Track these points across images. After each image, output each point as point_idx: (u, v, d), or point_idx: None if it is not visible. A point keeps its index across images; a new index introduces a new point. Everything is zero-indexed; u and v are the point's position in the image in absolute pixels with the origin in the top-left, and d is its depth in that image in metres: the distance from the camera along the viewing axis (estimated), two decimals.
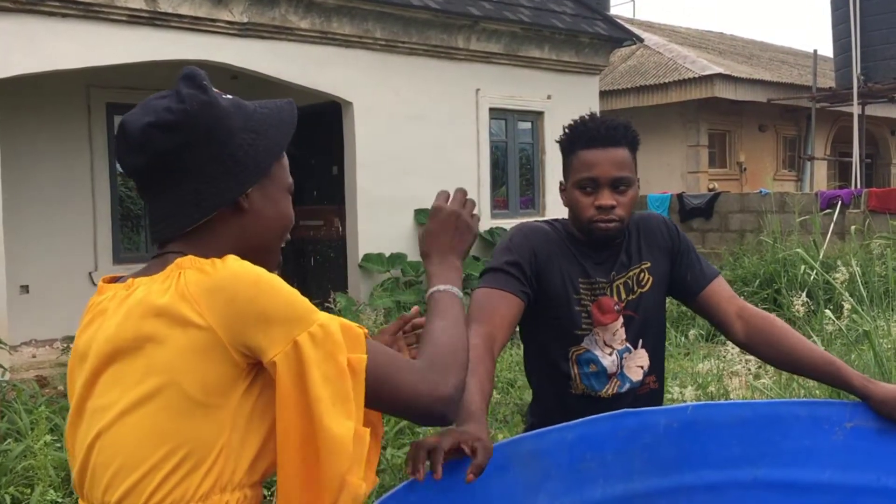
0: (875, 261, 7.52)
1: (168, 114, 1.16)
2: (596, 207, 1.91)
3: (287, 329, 1.08)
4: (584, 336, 1.97)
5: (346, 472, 1.07)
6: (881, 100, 16.03)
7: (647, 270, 2.03)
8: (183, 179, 1.18)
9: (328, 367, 1.08)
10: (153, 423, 1.09)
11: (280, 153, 1.25)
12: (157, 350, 1.09)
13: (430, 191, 7.94)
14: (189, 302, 1.09)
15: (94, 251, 8.67)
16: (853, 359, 4.30)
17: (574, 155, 1.95)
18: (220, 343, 1.08)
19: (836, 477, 1.80)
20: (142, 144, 1.17)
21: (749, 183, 16.76)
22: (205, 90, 1.18)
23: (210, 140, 1.17)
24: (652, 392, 2.05)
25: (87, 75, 7.96)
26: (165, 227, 1.20)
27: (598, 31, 10.77)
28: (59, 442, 4.17)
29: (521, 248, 1.94)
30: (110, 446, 1.11)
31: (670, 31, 20.27)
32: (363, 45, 8.78)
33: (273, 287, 1.11)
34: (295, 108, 1.31)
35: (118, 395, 1.11)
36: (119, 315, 1.14)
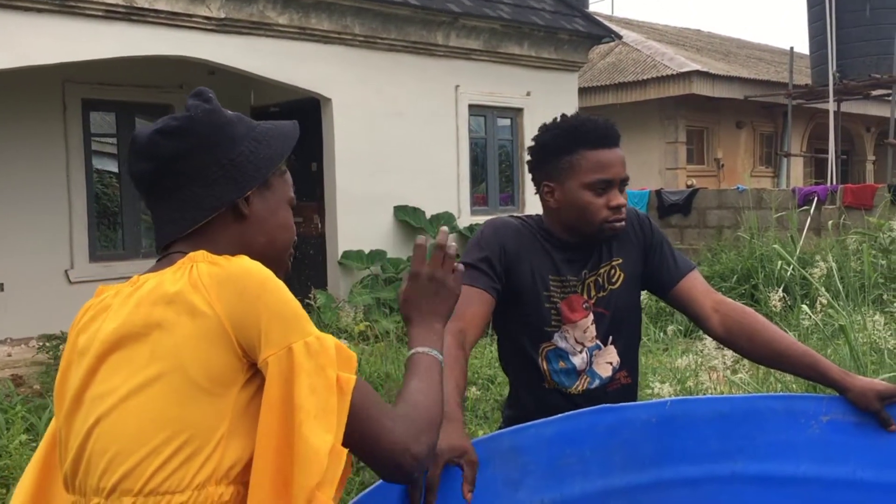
0: (850, 256, 7.59)
1: (173, 121, 1.23)
2: (611, 208, 1.91)
3: (284, 333, 1.10)
4: (553, 333, 1.97)
5: (317, 486, 1.06)
6: (857, 97, 16.21)
7: (618, 267, 2.03)
8: (186, 183, 1.23)
9: (317, 378, 1.09)
10: (156, 406, 1.10)
11: (280, 161, 1.30)
12: (164, 336, 1.11)
13: (410, 187, 8.02)
14: (200, 291, 1.12)
15: (69, 249, 8.58)
16: (829, 353, 4.34)
17: (578, 154, 1.91)
18: (226, 333, 1.10)
19: (813, 470, 1.82)
20: (148, 151, 1.23)
21: (726, 179, 16.88)
22: (210, 101, 1.25)
23: (212, 145, 1.23)
24: (624, 387, 2.04)
25: (63, 71, 7.88)
26: (169, 230, 1.24)
27: (577, 28, 10.79)
28: (34, 441, 4.13)
29: (491, 243, 1.93)
30: (110, 431, 1.11)
31: (648, 28, 20.36)
32: (342, 41, 8.74)
33: (279, 290, 1.14)
34: (297, 128, 1.36)
35: (121, 380, 1.12)
36: (128, 306, 1.16)
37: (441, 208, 9.45)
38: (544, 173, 1.98)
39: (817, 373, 1.86)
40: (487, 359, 5.99)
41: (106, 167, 9.93)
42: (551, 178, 1.96)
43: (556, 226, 1.99)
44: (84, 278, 8.51)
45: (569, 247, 1.99)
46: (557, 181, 1.95)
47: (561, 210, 1.96)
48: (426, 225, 9.18)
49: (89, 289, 1.16)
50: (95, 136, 9.23)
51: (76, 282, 8.50)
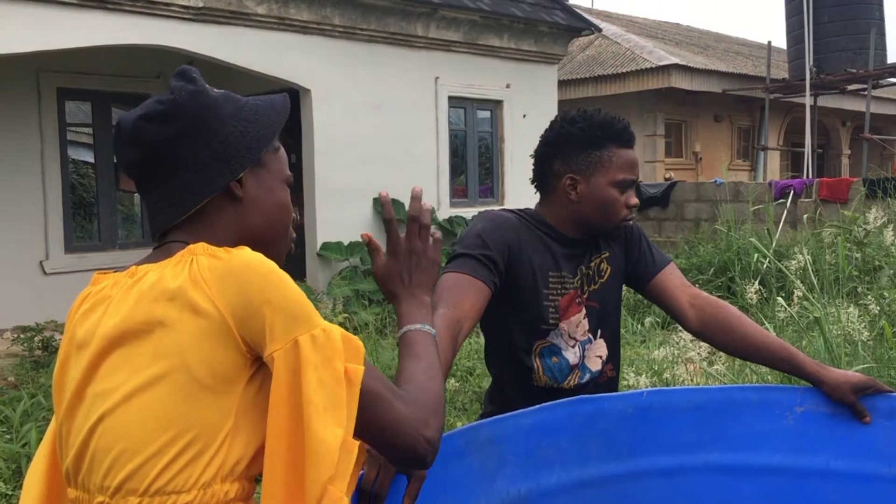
0: (826, 249, 7.67)
1: (158, 105, 1.19)
2: (629, 207, 1.95)
3: (290, 326, 1.08)
4: (550, 330, 1.96)
5: (329, 480, 1.04)
6: (833, 91, 16.35)
7: (606, 260, 2.04)
8: (176, 169, 1.19)
9: (325, 371, 1.07)
10: (160, 406, 1.08)
11: (271, 139, 1.26)
12: (168, 333, 1.09)
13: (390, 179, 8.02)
14: (201, 287, 1.10)
15: (44, 240, 8.49)
16: (804, 345, 4.39)
17: (609, 151, 1.91)
18: (229, 329, 1.08)
19: (787, 460, 1.84)
20: (134, 138, 1.19)
21: (704, 172, 16.99)
22: (194, 81, 1.20)
23: (200, 128, 1.19)
24: (610, 380, 2.06)
25: (38, 60, 7.78)
26: (162, 217, 1.21)
27: (557, 21, 10.80)
28: (8, 434, 4.09)
29: (494, 238, 1.89)
30: (113, 429, 1.09)
31: (628, 21, 20.42)
32: (321, 31, 8.70)
33: (283, 282, 1.11)
34: (288, 101, 1.31)
35: (124, 378, 1.10)
36: (129, 300, 1.13)
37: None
38: (569, 166, 1.94)
39: (793, 366, 1.88)
40: (466, 351, 6.00)
41: (81, 157, 9.84)
42: (577, 171, 1.93)
43: (565, 220, 1.97)
44: (59, 269, 8.43)
45: (568, 242, 1.98)
46: (583, 175, 1.93)
47: (581, 204, 1.94)
48: (405, 216, 9.13)
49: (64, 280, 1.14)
50: (71, 126, 9.14)
51: (51, 273, 8.42)
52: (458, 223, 9.53)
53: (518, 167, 10.17)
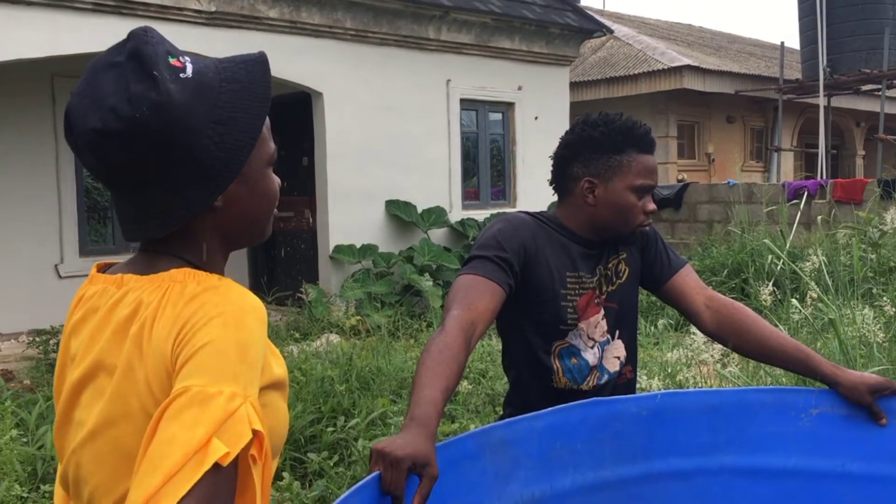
0: (840, 250, 7.62)
1: (114, 121, 1.00)
2: (646, 213, 1.95)
3: (196, 373, 0.94)
4: (568, 331, 1.96)
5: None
6: (847, 91, 16.26)
7: (623, 261, 2.05)
8: (145, 188, 1.04)
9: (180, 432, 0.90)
10: (125, 445, 1.02)
11: (254, 140, 1.08)
12: (129, 374, 1.02)
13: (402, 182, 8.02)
14: (162, 326, 1.01)
15: (59, 243, 8.54)
16: (819, 347, 4.36)
17: (629, 156, 1.92)
18: (168, 373, 1.00)
19: (802, 463, 1.83)
20: (91, 150, 1.03)
21: (717, 174, 16.92)
22: (155, 84, 1.00)
23: (168, 146, 1.01)
24: (629, 381, 2.06)
25: (52, 64, 7.83)
26: (135, 230, 1.09)
27: (569, 22, 10.79)
28: (25, 437, 4.12)
29: (511, 240, 1.89)
30: (87, 463, 1.06)
31: (640, 22, 20.37)
32: (333, 35, 8.72)
33: (228, 330, 0.98)
34: (268, 70, 1.12)
35: (95, 411, 1.05)
36: (108, 328, 1.06)
37: (432, 202, 9.45)
38: (587, 169, 1.95)
39: (809, 367, 1.88)
40: (479, 353, 5.99)
41: None
42: (595, 174, 1.94)
43: (582, 223, 1.98)
44: (74, 273, 8.47)
45: (585, 243, 1.99)
46: (602, 178, 1.93)
47: (598, 207, 1.94)
48: (418, 219, 9.17)
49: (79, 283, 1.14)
50: None
51: (66, 276, 8.46)
52: (470, 225, 9.53)
53: (530, 169, 10.16)
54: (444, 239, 9.55)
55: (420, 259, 8.76)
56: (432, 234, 9.31)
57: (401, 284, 8.57)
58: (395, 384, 5.15)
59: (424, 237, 9.17)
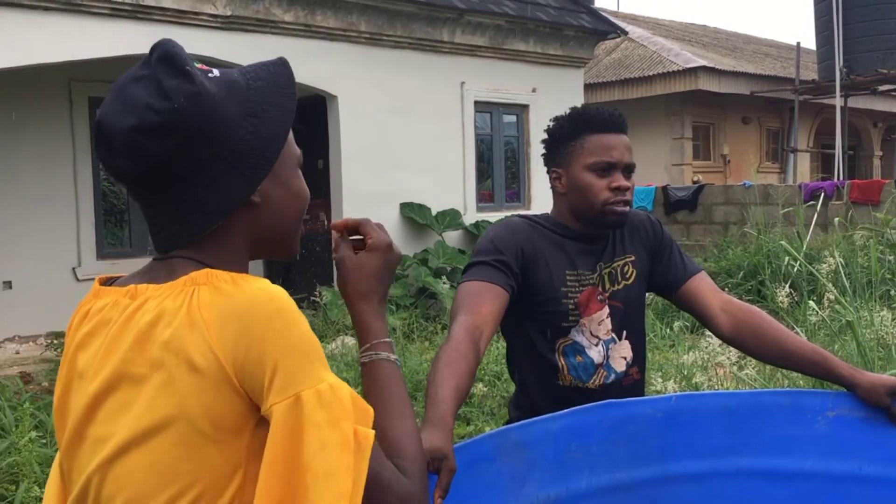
0: (857, 252, 7.57)
1: (152, 115, 1.00)
2: (612, 189, 1.93)
3: (293, 379, 0.95)
4: (570, 328, 1.97)
5: None
6: (863, 92, 16.16)
7: (631, 263, 2.05)
8: (183, 185, 1.03)
9: (330, 433, 0.94)
10: (161, 459, 0.99)
11: (287, 133, 1.10)
12: (165, 382, 0.98)
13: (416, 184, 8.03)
14: (199, 329, 0.98)
15: (77, 246, 8.61)
16: (836, 349, 4.34)
17: (582, 139, 1.95)
18: (228, 378, 0.97)
19: (819, 465, 1.82)
20: (129, 150, 1.02)
21: (733, 175, 16.84)
22: (189, 78, 1.02)
23: (206, 138, 1.01)
24: (636, 382, 2.06)
25: (69, 69, 7.90)
26: (169, 236, 1.07)
27: (583, 24, 10.78)
28: (43, 438, 4.15)
29: (506, 243, 1.93)
30: (115, 480, 1.01)
31: (654, 23, 20.32)
32: (347, 38, 8.75)
33: (289, 327, 0.98)
34: (291, 71, 1.13)
35: (122, 425, 1.01)
36: (128, 337, 1.02)
37: (447, 205, 9.46)
38: (553, 160, 2.03)
39: (826, 370, 1.87)
40: (494, 355, 5.99)
41: None
42: (559, 163, 2.01)
43: (565, 214, 2.01)
44: (91, 275, 8.52)
45: (582, 238, 2.00)
46: (564, 166, 2.00)
47: (568, 195, 1.99)
48: (432, 222, 9.18)
49: None
50: None
51: (84, 279, 8.53)
52: (485, 227, 9.52)
53: (544, 171, 10.13)
54: (458, 241, 9.56)
55: (435, 261, 8.77)
56: (447, 237, 9.31)
57: (416, 287, 8.59)
58: (411, 386, 5.16)
59: (439, 239, 9.17)
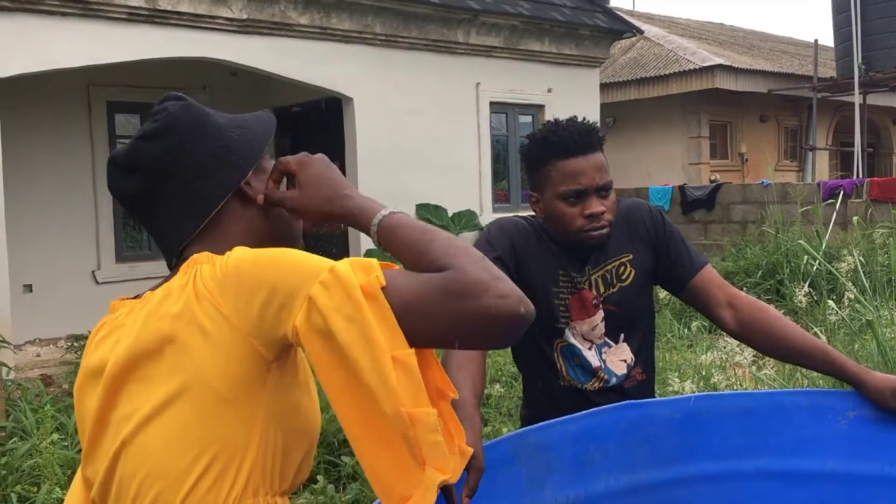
0: (878, 250, 7.51)
1: (153, 123, 1.19)
2: (586, 217, 1.88)
3: (298, 289, 1.02)
4: (563, 329, 1.98)
5: (402, 404, 0.97)
6: (883, 89, 16.00)
7: (628, 263, 2.01)
8: (185, 181, 1.18)
9: (347, 307, 0.99)
10: (180, 425, 1.05)
11: (268, 139, 1.26)
12: (179, 350, 1.06)
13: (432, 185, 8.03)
14: (205, 298, 1.06)
15: (96, 250, 8.69)
16: (856, 349, 4.30)
17: (550, 166, 1.90)
18: (240, 336, 1.04)
19: (840, 466, 1.80)
20: (134, 161, 1.18)
21: (751, 174, 16.73)
22: (181, 98, 1.22)
23: (199, 136, 1.19)
24: (640, 384, 2.03)
25: (88, 74, 7.97)
26: (177, 234, 1.19)
27: (598, 24, 10.75)
28: (65, 441, 4.19)
29: (500, 240, 1.95)
30: (137, 454, 1.07)
31: (670, 22, 20.23)
32: (363, 40, 8.77)
33: (273, 259, 1.06)
34: (272, 115, 1.32)
35: (142, 400, 1.07)
36: (139, 322, 1.11)
37: (463, 206, 9.46)
38: (531, 184, 2.01)
39: (833, 368, 1.85)
40: (510, 356, 5.99)
41: None
42: (534, 188, 1.98)
43: (550, 232, 2.00)
44: (111, 279, 8.61)
45: (567, 246, 1.98)
46: (539, 192, 1.97)
47: (546, 220, 1.98)
48: (448, 223, 9.18)
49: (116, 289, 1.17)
50: (121, 138, 9.33)
51: (103, 282, 8.60)
52: None
53: None
54: (474, 242, 9.54)
55: None
56: (463, 237, 9.29)
57: None
58: None
59: None
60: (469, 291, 0.99)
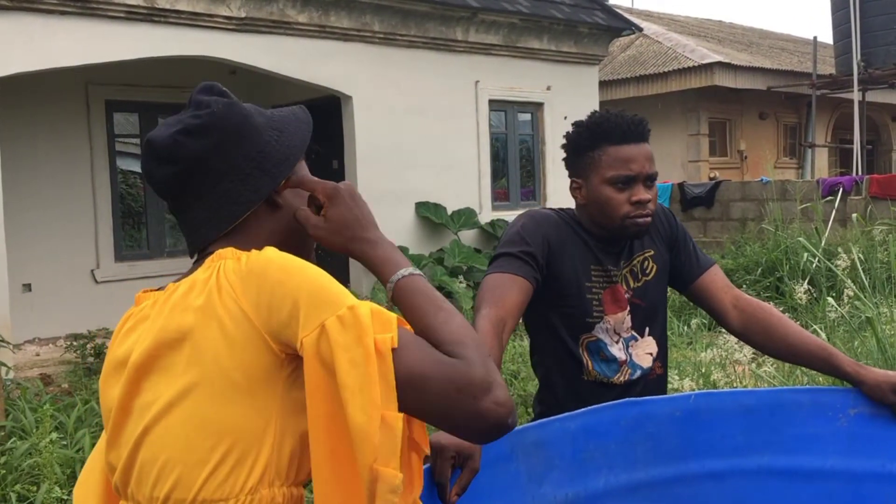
0: (877, 247, 7.50)
1: (195, 119, 1.19)
2: (633, 203, 1.91)
3: (315, 312, 1.04)
4: (595, 324, 1.98)
5: (375, 461, 1.00)
6: (882, 86, 15.99)
7: (651, 258, 2.05)
8: (218, 180, 1.19)
9: (356, 351, 1.02)
10: (199, 413, 1.08)
11: (305, 146, 1.27)
12: (199, 341, 1.09)
13: (431, 184, 8.03)
14: (226, 291, 1.10)
15: (95, 249, 8.67)
16: (856, 346, 4.30)
17: (600, 151, 1.93)
18: (256, 330, 1.07)
19: (841, 463, 1.80)
20: (172, 152, 1.19)
21: (750, 171, 16.73)
22: (225, 94, 1.23)
23: (239, 138, 1.20)
24: (659, 378, 2.07)
25: (86, 73, 7.95)
26: (204, 231, 1.21)
27: (597, 21, 10.74)
28: (64, 440, 4.18)
29: (534, 234, 1.92)
30: (157, 440, 1.10)
31: (669, 19, 20.22)
32: (362, 38, 8.76)
33: (302, 271, 1.09)
34: (308, 114, 1.33)
35: (163, 388, 1.11)
36: (164, 314, 1.14)
37: (462, 204, 9.45)
38: (573, 170, 2.01)
39: (831, 366, 1.88)
40: (511, 354, 5.99)
41: (130, 167, 10.02)
42: (578, 174, 1.99)
43: (587, 222, 2.01)
44: (110, 278, 8.60)
45: (603, 239, 2.00)
46: (583, 177, 1.97)
47: (588, 206, 1.98)
48: (448, 221, 9.18)
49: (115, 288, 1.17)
50: (119, 137, 9.32)
51: (102, 281, 8.59)
52: (500, 226, 9.52)
53: (559, 169, 10.09)
54: (474, 240, 9.55)
55: (451, 261, 8.76)
56: (462, 236, 9.31)
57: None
58: None
59: (455, 238, 9.17)
60: (471, 390, 1.03)
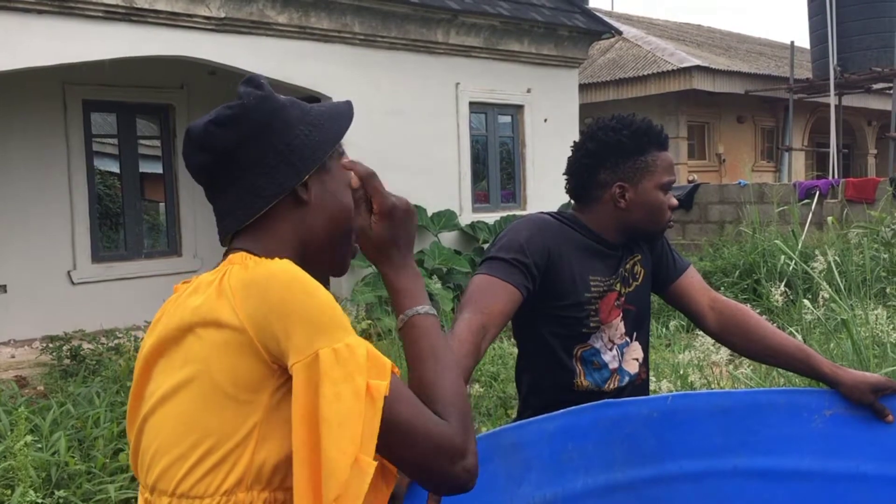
0: (853, 250, 7.58)
1: (227, 110, 1.21)
2: (671, 208, 1.98)
3: (311, 339, 1.05)
4: (591, 334, 1.96)
5: (336, 499, 1.01)
6: (858, 90, 16.19)
7: (639, 263, 2.05)
8: (244, 173, 1.21)
9: (344, 386, 1.03)
10: (184, 410, 1.11)
11: (336, 143, 1.27)
12: (195, 341, 1.12)
13: (411, 185, 8.01)
14: (226, 297, 1.11)
15: (72, 250, 8.59)
16: (832, 347, 4.34)
17: (650, 155, 1.94)
18: (250, 340, 1.08)
19: (816, 464, 1.82)
20: (203, 142, 1.21)
21: (728, 174, 16.87)
22: (261, 87, 1.23)
23: (267, 131, 1.21)
24: (644, 382, 2.07)
25: (63, 72, 7.88)
26: (229, 221, 1.23)
27: (577, 24, 10.78)
28: (39, 443, 4.14)
29: (534, 243, 1.88)
30: (152, 429, 1.15)
31: (648, 23, 20.34)
32: (342, 39, 8.74)
33: (307, 292, 1.08)
34: (352, 108, 1.33)
35: (163, 380, 1.15)
36: (173, 309, 1.19)
37: (442, 206, 9.45)
38: (616, 174, 1.94)
39: (809, 367, 1.89)
40: (490, 356, 5.99)
41: (107, 168, 9.96)
42: (625, 178, 1.94)
43: (610, 226, 1.97)
44: (86, 279, 8.52)
45: (608, 245, 1.98)
46: (631, 181, 1.94)
47: (631, 210, 1.94)
48: (428, 223, 9.17)
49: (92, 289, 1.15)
50: (96, 137, 9.24)
51: (79, 283, 8.51)
52: (481, 228, 9.53)
53: (540, 171, 10.15)
54: (454, 242, 9.55)
55: (430, 262, 8.76)
56: (442, 238, 9.31)
57: None
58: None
59: (435, 240, 9.17)
60: (449, 453, 1.09)
